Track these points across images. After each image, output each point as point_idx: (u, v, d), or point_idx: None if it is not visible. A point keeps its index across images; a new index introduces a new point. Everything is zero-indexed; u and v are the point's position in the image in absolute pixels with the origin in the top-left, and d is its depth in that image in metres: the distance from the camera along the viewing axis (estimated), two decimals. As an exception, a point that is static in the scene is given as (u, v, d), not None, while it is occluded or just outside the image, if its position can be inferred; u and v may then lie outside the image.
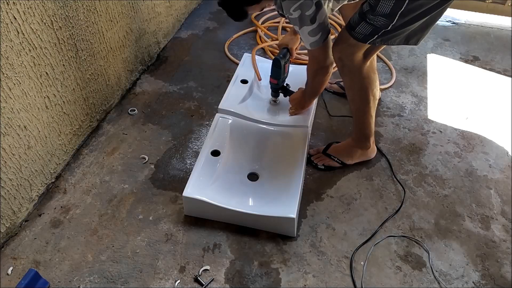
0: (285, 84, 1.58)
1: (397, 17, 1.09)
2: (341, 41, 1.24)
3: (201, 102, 1.80)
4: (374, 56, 1.36)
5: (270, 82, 1.57)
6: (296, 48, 1.58)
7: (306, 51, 2.04)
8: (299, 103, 1.54)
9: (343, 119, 1.72)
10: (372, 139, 1.48)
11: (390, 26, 1.12)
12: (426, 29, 1.19)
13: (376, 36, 1.15)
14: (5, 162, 1.19)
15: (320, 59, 1.30)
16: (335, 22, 2.27)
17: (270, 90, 1.72)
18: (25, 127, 1.24)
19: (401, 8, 1.07)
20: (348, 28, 1.20)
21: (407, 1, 1.06)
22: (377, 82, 1.38)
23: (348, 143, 1.51)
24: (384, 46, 1.27)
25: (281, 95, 1.62)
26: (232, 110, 1.56)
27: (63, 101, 1.40)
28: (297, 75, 1.80)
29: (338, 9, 1.39)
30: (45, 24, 1.23)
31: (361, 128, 1.44)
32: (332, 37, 1.31)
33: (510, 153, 1.60)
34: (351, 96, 1.39)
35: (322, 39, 1.21)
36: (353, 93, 1.37)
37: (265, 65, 1.83)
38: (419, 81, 1.93)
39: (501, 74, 2.00)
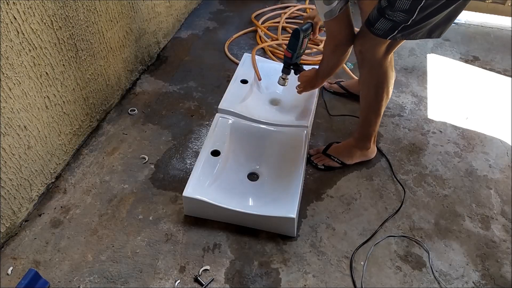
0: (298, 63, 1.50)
1: (417, 12, 1.07)
2: (362, 35, 1.22)
3: (201, 102, 1.80)
4: (392, 54, 1.31)
5: (284, 56, 1.49)
6: (320, 28, 1.50)
7: (306, 51, 2.06)
8: (310, 81, 1.47)
9: (343, 119, 1.72)
10: (373, 140, 1.48)
11: (410, 20, 1.09)
12: (449, 21, 1.16)
13: (397, 31, 1.13)
14: (5, 162, 1.19)
15: (336, 33, 1.22)
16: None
17: (270, 90, 1.72)
18: (25, 127, 1.24)
19: (421, 3, 1.05)
20: (368, 25, 1.18)
21: None
22: (393, 80, 1.34)
23: (348, 143, 1.50)
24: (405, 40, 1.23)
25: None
26: (232, 110, 1.56)
27: (63, 101, 1.40)
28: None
29: (357, 4, 1.35)
30: (45, 24, 1.23)
31: (366, 127, 1.43)
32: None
33: (510, 153, 1.60)
34: (365, 91, 1.36)
35: (338, 8, 1.13)
36: (368, 88, 1.34)
37: (265, 65, 1.83)
38: (419, 81, 1.93)
39: (501, 74, 2.00)
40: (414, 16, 1.08)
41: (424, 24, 1.12)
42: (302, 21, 2.28)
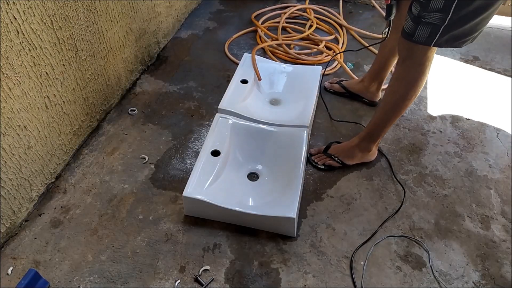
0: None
1: (452, 10, 1.05)
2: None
3: (201, 102, 1.80)
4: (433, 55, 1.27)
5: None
6: None
7: (306, 51, 2.06)
8: None
9: (343, 119, 1.72)
10: (377, 143, 1.47)
11: (447, 20, 1.07)
12: (485, 22, 1.13)
13: (438, 35, 1.11)
14: (5, 162, 1.19)
15: None
16: (335, 22, 2.27)
17: (269, 90, 1.72)
18: (25, 127, 1.24)
19: (455, 0, 1.03)
20: (406, 37, 1.16)
21: None
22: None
23: (351, 142, 1.50)
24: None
25: None
26: (232, 110, 1.56)
27: (63, 101, 1.40)
28: (297, 75, 1.80)
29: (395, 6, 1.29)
30: (45, 24, 1.23)
31: (378, 126, 1.41)
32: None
33: (510, 153, 1.60)
34: (396, 87, 1.32)
35: None
36: (400, 85, 1.30)
37: (265, 65, 1.83)
38: (419, 81, 1.93)
39: (501, 74, 2.00)
40: (450, 14, 1.06)
41: (467, 30, 1.10)
42: (302, 21, 2.29)
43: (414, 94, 1.30)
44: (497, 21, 2.36)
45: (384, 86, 1.76)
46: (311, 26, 2.21)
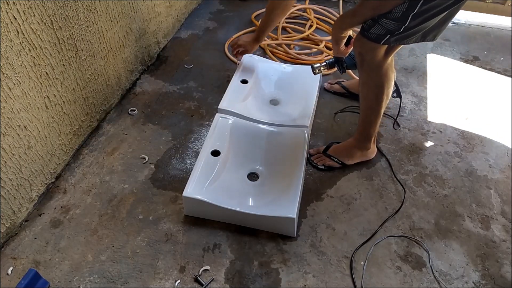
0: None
1: (409, 19, 1.08)
2: (361, 37, 1.23)
3: (201, 102, 1.80)
4: (393, 56, 1.32)
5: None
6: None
7: (306, 51, 2.06)
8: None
9: (343, 119, 1.72)
10: (373, 140, 1.48)
11: (402, 28, 1.11)
12: (443, 24, 1.18)
13: (389, 36, 1.15)
14: (5, 162, 1.19)
15: None
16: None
17: (269, 90, 1.73)
18: (25, 127, 1.24)
19: (414, 10, 1.06)
20: (361, 31, 1.20)
21: (419, 4, 1.05)
22: (393, 81, 1.36)
23: (348, 143, 1.50)
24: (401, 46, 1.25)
25: None
26: (232, 110, 1.56)
27: (63, 101, 1.40)
28: (297, 75, 1.80)
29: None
30: (45, 24, 1.23)
31: (366, 127, 1.43)
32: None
33: (510, 153, 1.60)
34: (365, 93, 1.37)
35: None
36: (368, 90, 1.35)
37: (265, 65, 1.83)
38: (419, 81, 1.93)
39: (501, 74, 2.00)
40: (407, 23, 1.10)
41: (418, 29, 1.14)
42: (302, 21, 2.28)
43: (386, 96, 1.34)
44: (497, 21, 2.36)
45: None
46: (311, 26, 2.21)
